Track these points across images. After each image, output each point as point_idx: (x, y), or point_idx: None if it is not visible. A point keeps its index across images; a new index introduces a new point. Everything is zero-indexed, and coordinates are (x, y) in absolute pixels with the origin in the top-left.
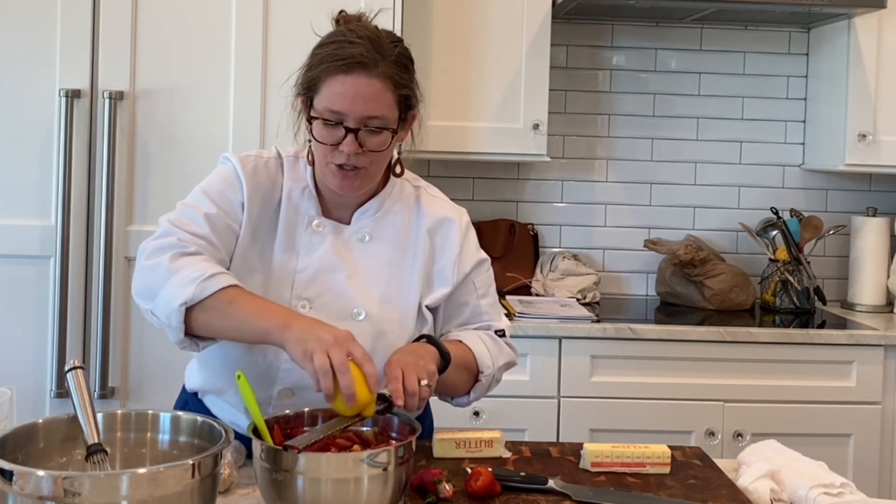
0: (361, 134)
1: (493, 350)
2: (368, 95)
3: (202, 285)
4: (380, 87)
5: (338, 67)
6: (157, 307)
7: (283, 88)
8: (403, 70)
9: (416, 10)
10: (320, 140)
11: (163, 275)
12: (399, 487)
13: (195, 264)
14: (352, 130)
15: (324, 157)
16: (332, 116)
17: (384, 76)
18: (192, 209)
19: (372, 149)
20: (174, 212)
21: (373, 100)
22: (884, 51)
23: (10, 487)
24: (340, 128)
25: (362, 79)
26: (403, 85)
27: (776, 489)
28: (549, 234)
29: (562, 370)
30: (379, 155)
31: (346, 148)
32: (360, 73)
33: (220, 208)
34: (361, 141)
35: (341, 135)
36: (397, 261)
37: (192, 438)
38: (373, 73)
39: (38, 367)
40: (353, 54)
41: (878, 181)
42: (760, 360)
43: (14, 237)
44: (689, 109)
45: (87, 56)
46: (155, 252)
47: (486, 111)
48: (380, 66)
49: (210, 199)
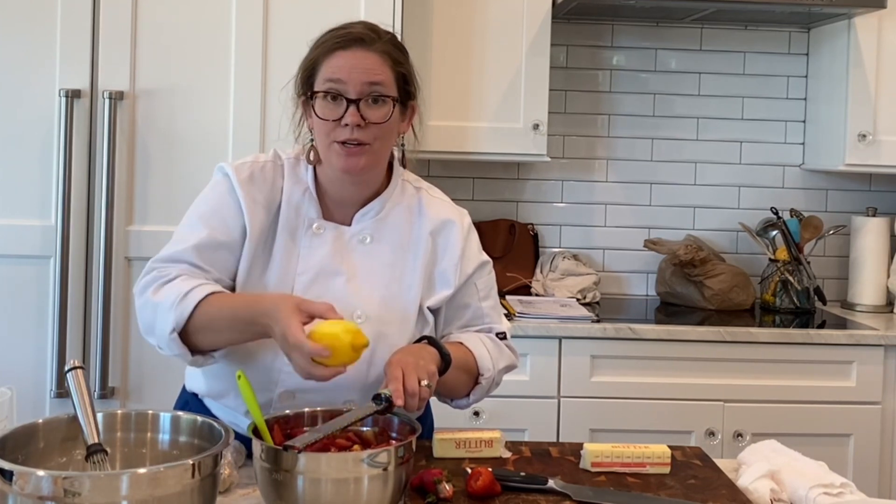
0: (363, 105)
1: (493, 352)
2: (368, 66)
3: (179, 308)
4: (378, 59)
5: (336, 45)
6: (159, 342)
7: (282, 94)
8: (400, 51)
9: (415, 11)
10: (322, 116)
11: (151, 310)
12: (399, 487)
13: (173, 288)
14: (353, 101)
15: (327, 137)
16: (332, 87)
17: (382, 52)
18: (179, 240)
19: (375, 121)
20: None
21: (372, 69)
22: (884, 51)
23: (10, 487)
24: (342, 101)
25: (360, 52)
26: (401, 63)
27: (776, 489)
28: (549, 234)
29: (562, 370)
30: (381, 129)
31: (348, 119)
32: (358, 47)
33: (213, 230)
34: (364, 112)
35: (343, 108)
36: (398, 262)
37: (192, 438)
38: (370, 48)
39: (38, 367)
40: (351, 33)
41: (878, 181)
42: (760, 360)
43: (14, 237)
44: (689, 109)
45: (87, 56)
46: (141, 291)
47: (486, 111)
48: (377, 43)
49: (202, 222)
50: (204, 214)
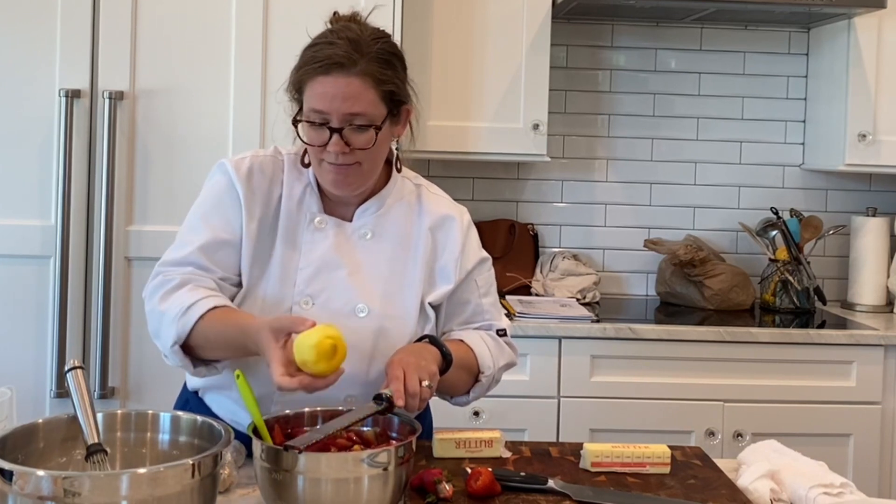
0: (346, 132)
1: (494, 350)
2: (348, 94)
3: (181, 322)
4: (359, 85)
5: (316, 69)
6: (163, 350)
7: (280, 94)
8: (385, 66)
9: (416, 10)
10: (308, 142)
11: (157, 318)
12: (399, 487)
13: (177, 300)
14: (336, 130)
15: (316, 157)
16: (315, 117)
17: (363, 74)
18: (182, 241)
19: (358, 146)
20: (169, 247)
21: (352, 98)
22: (884, 51)
23: (10, 487)
24: (325, 129)
25: (341, 78)
26: (386, 81)
27: (776, 489)
28: (549, 234)
29: (562, 370)
30: (367, 152)
31: (332, 148)
32: (339, 73)
33: (215, 228)
34: (347, 139)
35: (327, 136)
36: (399, 258)
37: (192, 438)
38: (351, 72)
39: (38, 367)
40: (330, 55)
41: (878, 181)
42: (760, 360)
43: (14, 237)
44: (689, 109)
45: (87, 56)
46: (150, 296)
47: (486, 111)
48: (358, 64)
49: (204, 222)
50: (205, 214)
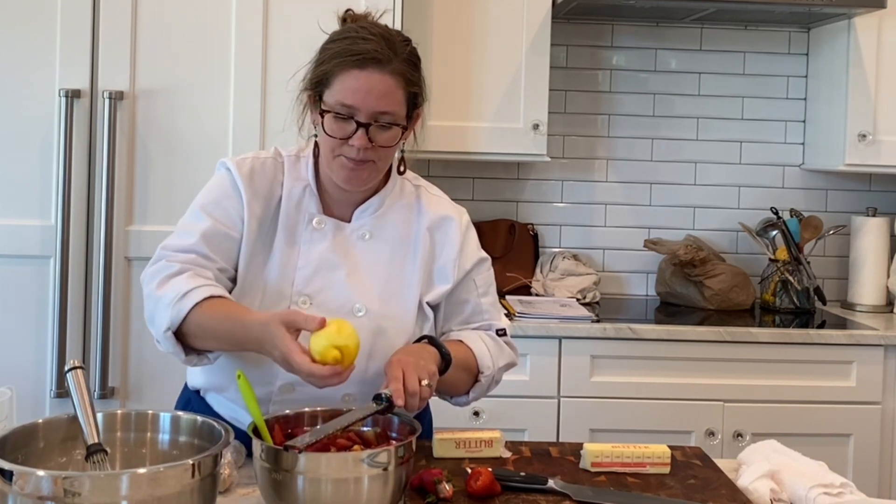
0: (372, 129)
1: (493, 351)
2: (381, 91)
3: (176, 307)
4: (392, 83)
5: (352, 62)
6: (156, 335)
7: (281, 88)
8: (414, 68)
9: (416, 10)
10: (331, 134)
11: (154, 302)
12: (399, 487)
13: (176, 285)
14: (363, 125)
15: (332, 151)
16: (343, 110)
17: (397, 73)
18: (185, 229)
19: (382, 144)
20: (171, 235)
21: (385, 95)
22: (884, 51)
23: (10, 487)
24: (352, 122)
25: (376, 74)
26: (414, 83)
27: (776, 489)
28: (549, 234)
29: (562, 370)
30: (387, 150)
31: (356, 142)
32: (374, 68)
33: (216, 220)
34: (371, 136)
35: (352, 129)
36: (397, 258)
37: (192, 438)
38: (386, 69)
39: (38, 367)
40: (368, 50)
41: (878, 181)
42: (760, 360)
43: (14, 237)
44: (689, 109)
45: (87, 56)
46: (149, 280)
47: (486, 111)
48: (393, 62)
49: (206, 213)
50: (207, 205)
